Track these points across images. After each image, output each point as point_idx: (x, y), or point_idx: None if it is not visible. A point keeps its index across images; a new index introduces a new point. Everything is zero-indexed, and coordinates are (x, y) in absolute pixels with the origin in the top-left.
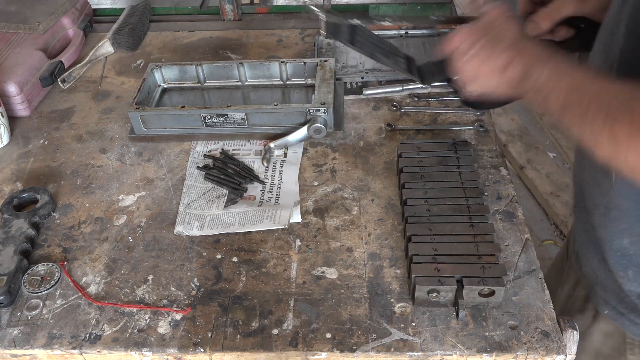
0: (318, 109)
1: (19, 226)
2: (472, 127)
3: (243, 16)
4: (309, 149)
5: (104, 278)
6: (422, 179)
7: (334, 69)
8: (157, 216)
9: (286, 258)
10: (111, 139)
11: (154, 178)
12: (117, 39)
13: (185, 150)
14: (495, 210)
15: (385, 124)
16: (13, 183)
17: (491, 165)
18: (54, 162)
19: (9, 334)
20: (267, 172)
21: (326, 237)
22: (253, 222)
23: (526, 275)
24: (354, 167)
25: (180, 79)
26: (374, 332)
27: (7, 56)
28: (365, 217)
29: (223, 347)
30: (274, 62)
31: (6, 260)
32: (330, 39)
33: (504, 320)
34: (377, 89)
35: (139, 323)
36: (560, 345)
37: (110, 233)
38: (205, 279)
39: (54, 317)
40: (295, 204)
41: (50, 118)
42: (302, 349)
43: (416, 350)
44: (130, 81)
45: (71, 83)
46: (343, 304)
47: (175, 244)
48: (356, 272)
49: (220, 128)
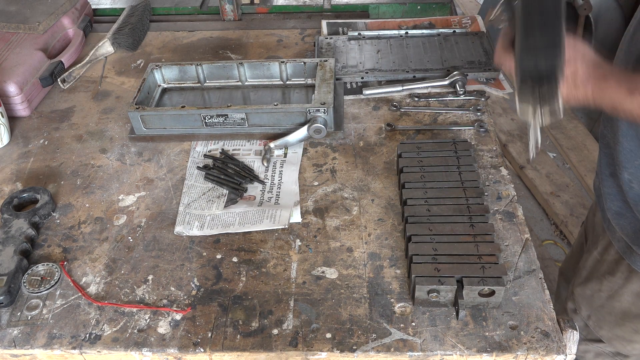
0: (318, 109)
1: (19, 226)
2: (472, 127)
3: (243, 16)
4: (309, 149)
5: (104, 278)
6: (422, 179)
7: (334, 69)
8: (157, 216)
9: (286, 258)
10: (111, 139)
11: (154, 178)
12: (117, 39)
13: (185, 150)
14: (495, 210)
15: (385, 124)
16: (13, 183)
17: (491, 165)
18: (54, 162)
19: (9, 334)
20: (267, 172)
21: (326, 237)
22: (253, 222)
23: (526, 275)
24: (354, 167)
25: (180, 79)
26: (374, 332)
27: (7, 56)
28: (365, 217)
29: (223, 347)
30: (274, 62)
31: (6, 260)
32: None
33: (504, 320)
34: (377, 89)
35: (139, 323)
36: (560, 345)
37: (110, 233)
38: (205, 279)
39: (54, 317)
40: (295, 204)
41: (50, 118)
42: (302, 349)
43: (416, 350)
44: (130, 81)
45: (71, 83)
46: (343, 304)
47: (175, 244)
48: (356, 272)
49: (220, 128)
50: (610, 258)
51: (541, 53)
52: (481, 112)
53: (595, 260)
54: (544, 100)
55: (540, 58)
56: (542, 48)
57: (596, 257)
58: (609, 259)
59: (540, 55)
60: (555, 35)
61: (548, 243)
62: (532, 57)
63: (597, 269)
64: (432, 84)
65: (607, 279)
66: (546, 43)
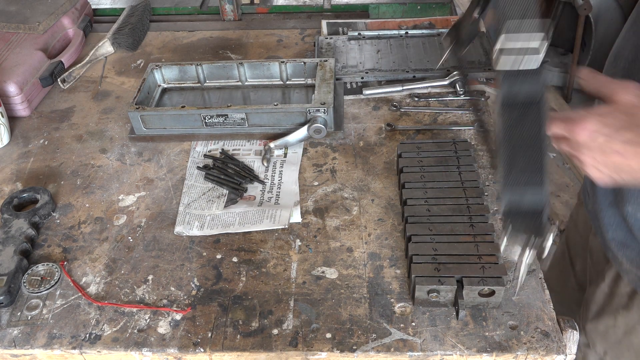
0: (318, 109)
1: (19, 226)
2: (472, 127)
3: (243, 16)
4: (309, 149)
5: (104, 278)
6: (422, 179)
7: (334, 69)
8: (157, 216)
9: (286, 258)
10: (111, 139)
11: (154, 178)
12: (117, 39)
13: (185, 150)
14: (495, 210)
15: (385, 124)
16: (13, 183)
17: (491, 165)
18: (54, 162)
19: (9, 334)
20: (267, 172)
21: (326, 237)
22: (253, 222)
23: (526, 275)
24: (354, 167)
25: (180, 79)
26: (374, 332)
27: (7, 56)
28: (365, 217)
29: (223, 347)
30: (274, 62)
31: (6, 260)
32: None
33: (504, 320)
34: (377, 89)
35: (139, 323)
36: (560, 345)
37: (110, 233)
38: (205, 279)
39: (54, 317)
40: (295, 204)
41: (50, 118)
42: (302, 349)
43: (416, 350)
44: (130, 81)
45: (71, 83)
46: (343, 304)
47: (175, 244)
48: (356, 272)
49: (220, 128)
50: (623, 291)
51: (527, 190)
52: (481, 111)
53: (605, 294)
54: (531, 239)
55: (526, 195)
56: (527, 185)
57: (605, 290)
58: (621, 292)
59: (525, 193)
60: (539, 169)
61: None
62: (516, 195)
63: (609, 304)
64: (432, 84)
65: (621, 314)
66: (530, 179)
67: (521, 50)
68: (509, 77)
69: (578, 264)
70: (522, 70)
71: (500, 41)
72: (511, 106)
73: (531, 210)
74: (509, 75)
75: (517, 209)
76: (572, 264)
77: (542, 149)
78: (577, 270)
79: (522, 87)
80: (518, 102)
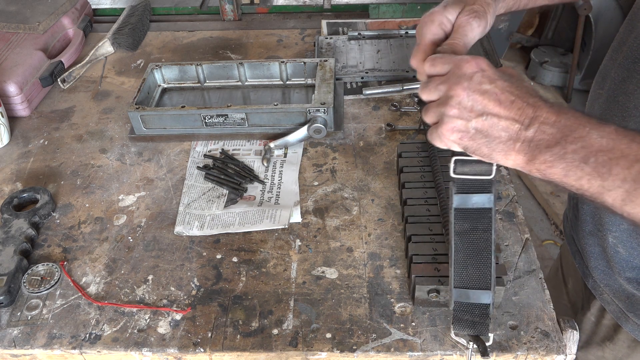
0: (318, 109)
1: (19, 226)
2: None
3: (243, 16)
4: (309, 149)
5: (104, 278)
6: (422, 179)
7: (334, 69)
8: (157, 216)
9: (286, 258)
10: (111, 139)
11: (154, 178)
12: (117, 39)
13: (185, 150)
14: (495, 210)
15: (385, 124)
16: (13, 183)
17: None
18: (54, 162)
19: (9, 334)
20: (267, 172)
21: (326, 237)
22: (253, 222)
23: (526, 275)
24: (354, 167)
25: (180, 79)
26: (374, 332)
27: (7, 56)
28: (365, 217)
29: (223, 347)
30: (274, 62)
31: (6, 260)
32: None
33: (504, 320)
34: (377, 89)
35: (139, 323)
36: (560, 345)
37: (110, 233)
38: (205, 279)
39: (54, 317)
40: (295, 204)
41: (50, 118)
42: (302, 349)
43: (416, 350)
44: (130, 81)
45: (71, 83)
46: (343, 304)
47: (175, 244)
48: (356, 272)
49: (220, 128)
50: (607, 323)
51: (474, 293)
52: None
53: (592, 323)
54: (476, 337)
55: (472, 298)
56: (475, 288)
57: (591, 319)
58: (605, 324)
59: (472, 296)
60: (487, 275)
61: (548, 243)
62: (464, 296)
63: (595, 334)
64: None
65: (608, 347)
66: (478, 284)
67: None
68: (463, 185)
69: (570, 283)
70: (476, 179)
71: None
72: (464, 212)
73: (477, 312)
74: (463, 184)
75: (464, 308)
76: (564, 282)
77: (490, 256)
78: (570, 289)
79: (475, 197)
80: (470, 209)
